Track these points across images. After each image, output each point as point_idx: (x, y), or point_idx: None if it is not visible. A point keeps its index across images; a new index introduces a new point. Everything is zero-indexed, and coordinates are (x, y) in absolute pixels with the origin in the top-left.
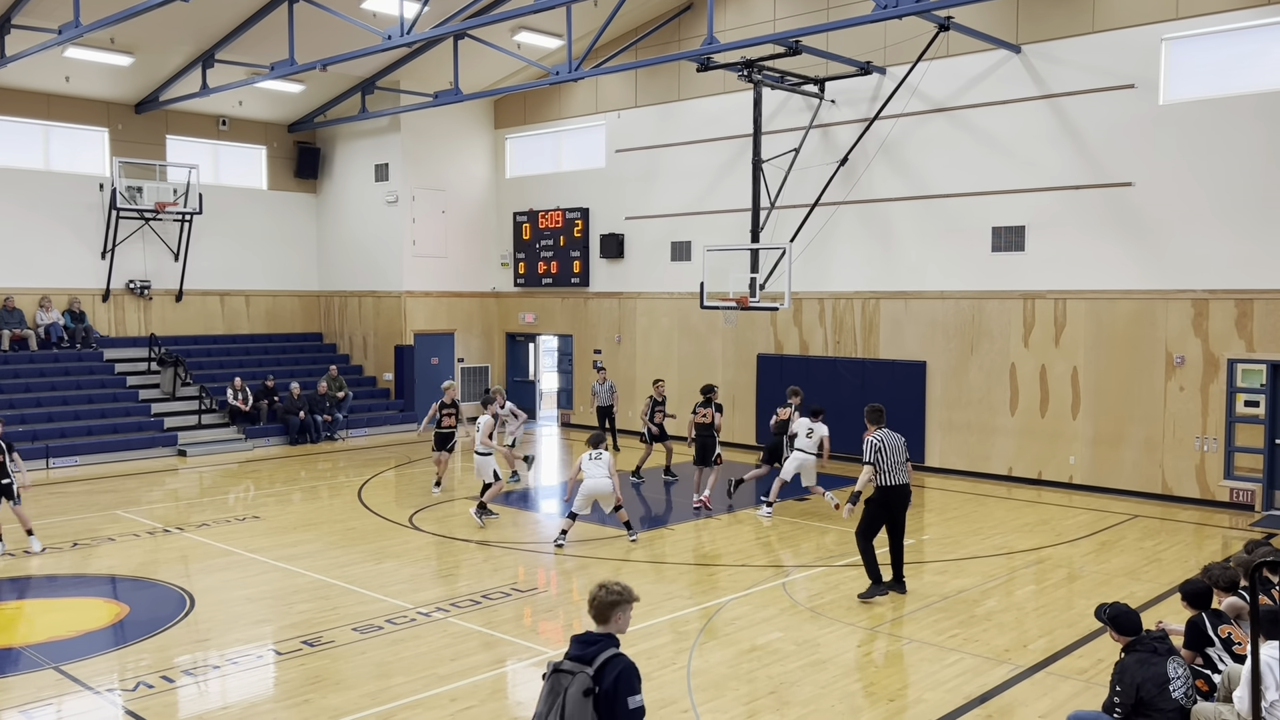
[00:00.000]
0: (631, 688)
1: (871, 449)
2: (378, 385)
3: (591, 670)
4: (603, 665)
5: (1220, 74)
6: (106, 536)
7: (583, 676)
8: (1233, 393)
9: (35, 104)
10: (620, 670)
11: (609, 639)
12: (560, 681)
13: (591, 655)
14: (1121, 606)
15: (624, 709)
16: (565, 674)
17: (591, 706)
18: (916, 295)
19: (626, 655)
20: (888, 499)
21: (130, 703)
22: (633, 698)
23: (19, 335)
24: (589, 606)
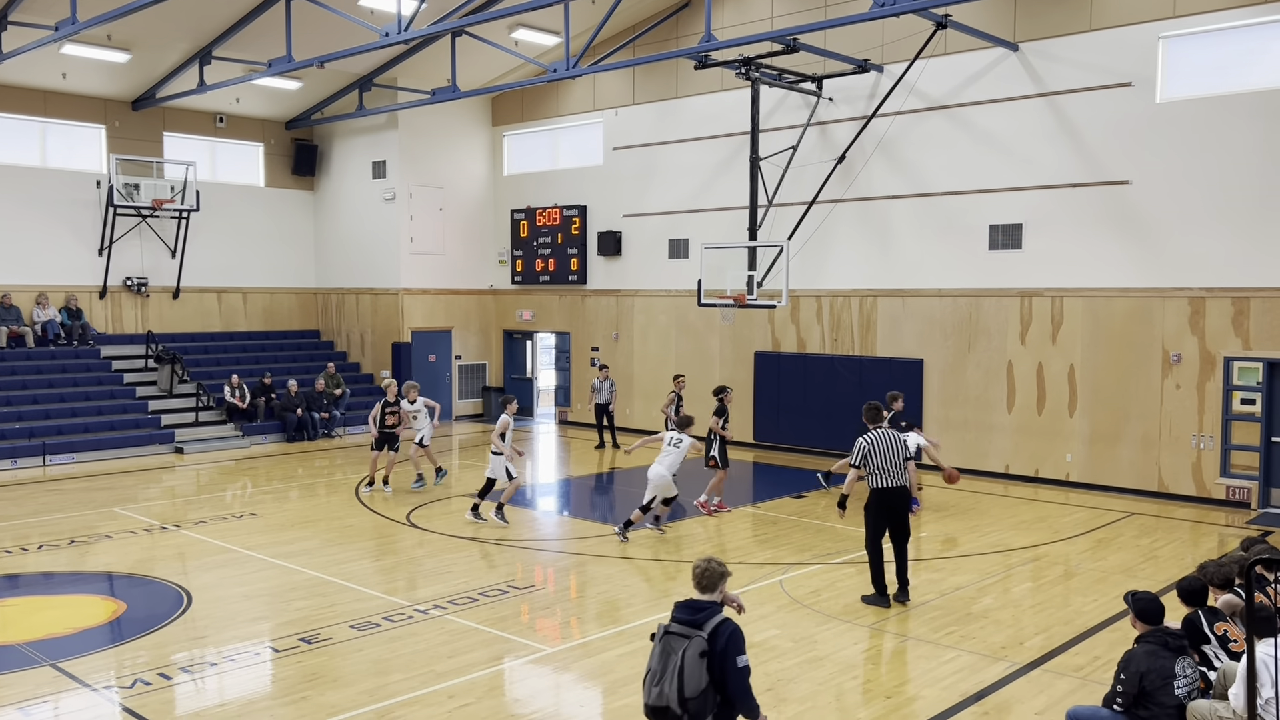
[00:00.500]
0: (739, 649)
1: (858, 451)
2: (375, 382)
3: (705, 634)
4: (715, 629)
5: (1217, 72)
6: (103, 534)
7: (699, 640)
8: (1229, 390)
9: (32, 101)
10: (730, 634)
11: (715, 606)
12: (673, 643)
13: (702, 620)
14: (1149, 596)
15: (734, 667)
16: (678, 637)
17: (705, 666)
18: (914, 293)
19: (733, 620)
20: (884, 502)
21: (128, 700)
22: (740, 657)
23: (16, 332)
24: (696, 578)
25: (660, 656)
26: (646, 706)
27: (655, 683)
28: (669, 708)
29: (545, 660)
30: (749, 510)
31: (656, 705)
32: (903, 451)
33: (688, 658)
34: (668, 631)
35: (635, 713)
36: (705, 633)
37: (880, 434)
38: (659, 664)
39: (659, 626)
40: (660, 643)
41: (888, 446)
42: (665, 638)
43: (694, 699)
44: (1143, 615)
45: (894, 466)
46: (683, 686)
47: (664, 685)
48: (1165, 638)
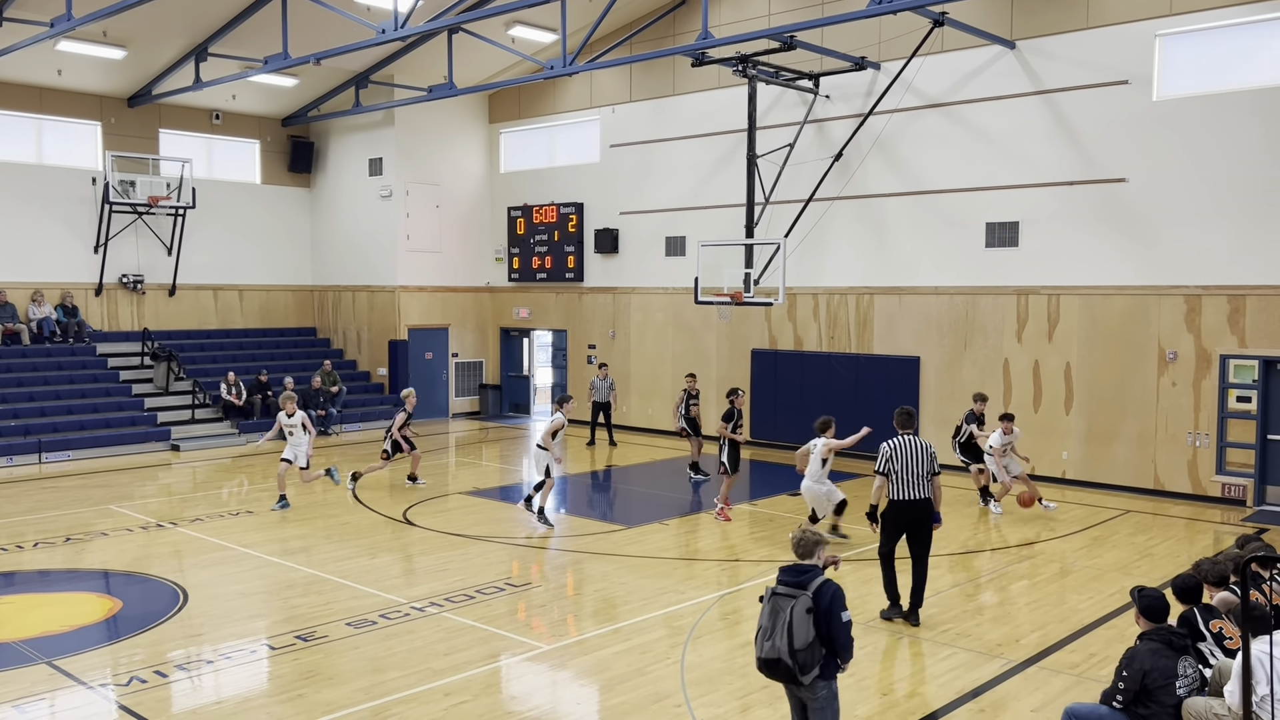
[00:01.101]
0: (842, 605)
1: (882, 458)
2: (372, 380)
3: (810, 593)
4: (819, 589)
5: (1214, 70)
6: (99, 531)
7: (805, 598)
8: (1225, 388)
9: (27, 97)
10: (833, 592)
11: (816, 569)
12: (781, 603)
13: (805, 581)
14: (1155, 593)
15: (839, 621)
16: (785, 597)
17: (811, 621)
18: (910, 291)
19: (833, 580)
20: (900, 514)
21: (124, 697)
22: (844, 613)
23: (11, 329)
24: (795, 546)
25: (770, 615)
26: (759, 660)
27: (767, 638)
28: (780, 659)
29: (541, 658)
30: (746, 508)
31: (769, 658)
32: (929, 463)
33: (795, 614)
34: (775, 593)
35: (631, 710)
36: (809, 592)
37: (905, 441)
38: (769, 621)
39: (766, 589)
40: (769, 603)
41: (911, 455)
42: (773, 598)
43: (802, 650)
44: (1147, 612)
45: (916, 477)
46: (792, 640)
47: (775, 639)
48: (1169, 636)
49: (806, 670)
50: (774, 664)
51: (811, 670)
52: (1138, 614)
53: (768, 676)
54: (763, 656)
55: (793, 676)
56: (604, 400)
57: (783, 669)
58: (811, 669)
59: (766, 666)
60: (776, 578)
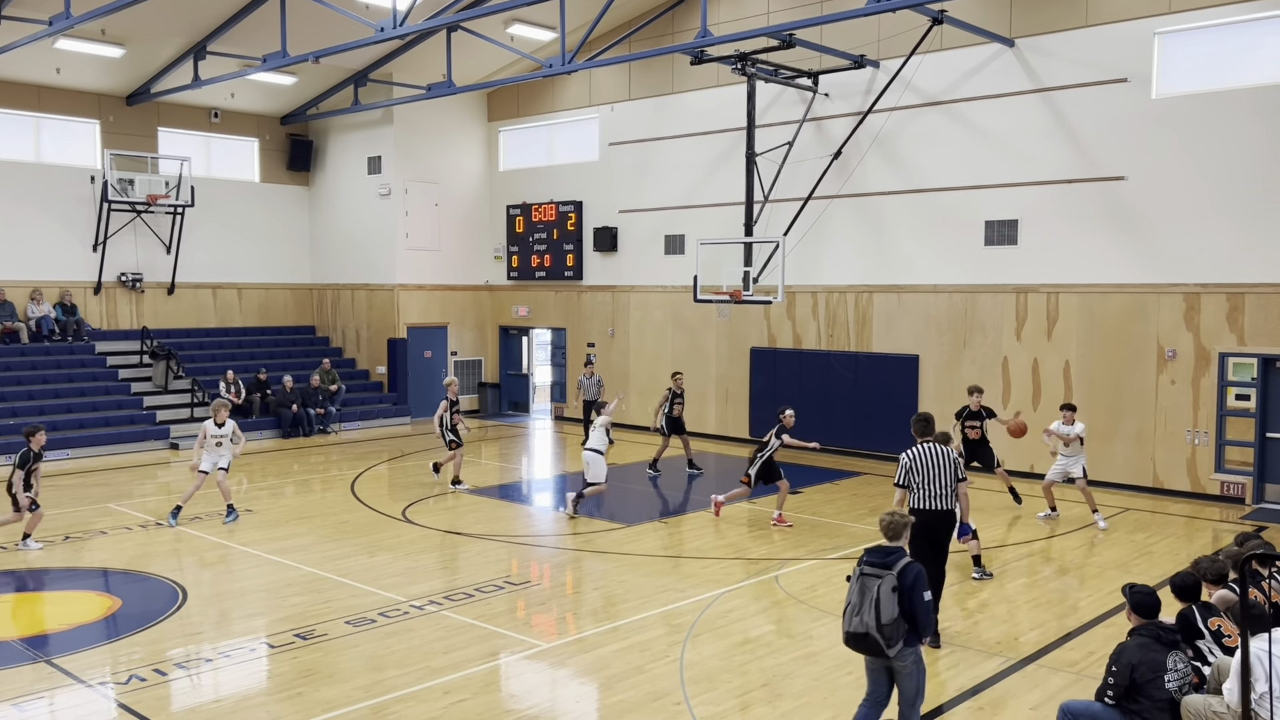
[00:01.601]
0: (924, 585)
1: (901, 469)
2: (371, 378)
3: (895, 572)
4: (903, 569)
5: (1213, 68)
6: (98, 530)
7: (890, 577)
8: (1224, 386)
9: (26, 96)
10: (916, 572)
11: (901, 550)
12: (868, 582)
13: (891, 562)
14: (1146, 590)
15: (920, 600)
16: (872, 576)
17: (896, 599)
18: (909, 289)
19: (916, 562)
20: (926, 524)
21: (123, 696)
22: (925, 592)
23: (10, 328)
24: (884, 529)
25: (858, 593)
26: (847, 634)
27: (855, 613)
28: (868, 633)
29: (541, 656)
30: (745, 506)
31: (856, 632)
32: (953, 470)
33: (882, 592)
34: (862, 573)
35: (630, 708)
36: (895, 571)
37: (926, 449)
38: (857, 599)
39: (854, 569)
40: (857, 582)
41: (934, 464)
42: (861, 578)
43: (888, 625)
44: (1138, 609)
45: (941, 487)
46: (879, 615)
47: (863, 615)
48: (1158, 631)
49: (892, 644)
50: (862, 638)
51: (897, 643)
52: (1129, 610)
53: (854, 649)
54: (851, 630)
55: (880, 649)
56: (592, 399)
57: (870, 642)
58: (896, 642)
59: (854, 640)
60: (863, 558)
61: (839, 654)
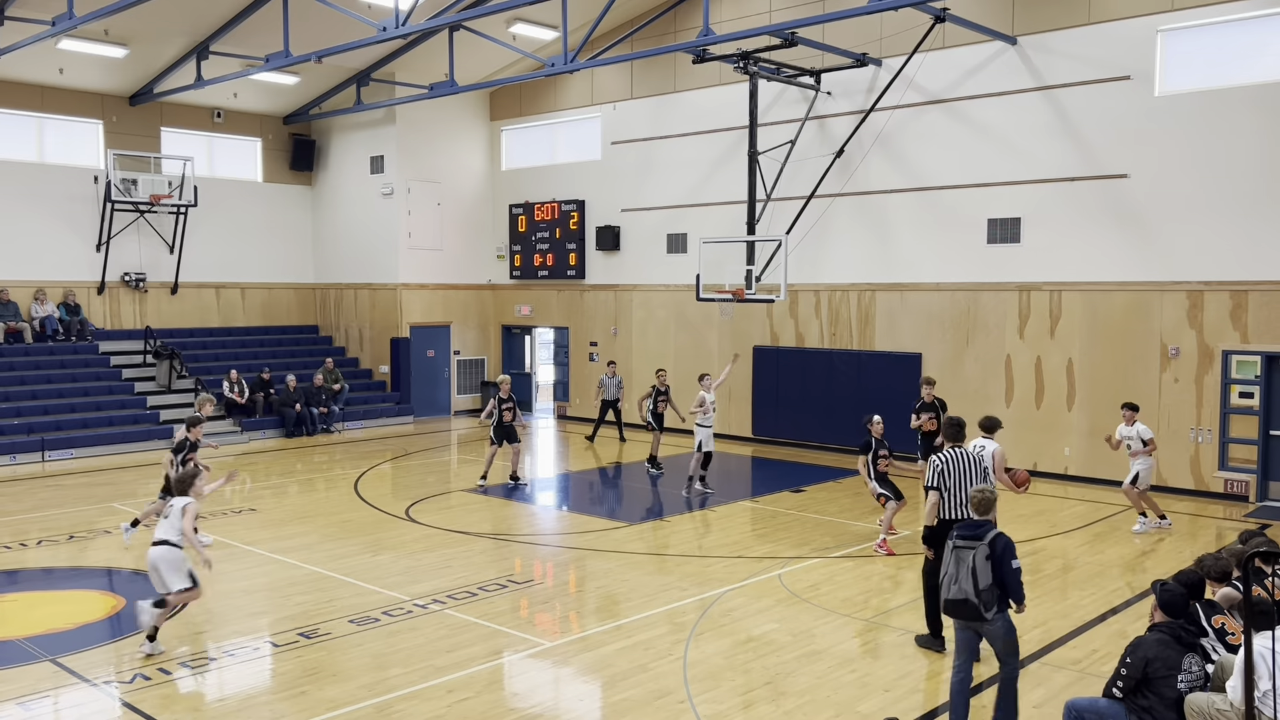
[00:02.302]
0: (1013, 554)
1: (934, 471)
2: (374, 378)
3: (986, 543)
4: (993, 540)
5: (1216, 66)
6: (103, 529)
7: (982, 547)
8: (1227, 384)
9: (29, 96)
10: (1005, 542)
11: (990, 523)
12: (963, 554)
13: (982, 533)
14: (1176, 589)
15: (1009, 568)
16: (966, 548)
17: (990, 567)
18: (912, 287)
19: (1005, 534)
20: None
21: (127, 695)
22: (1014, 560)
23: (14, 328)
24: (976, 505)
25: (955, 563)
26: (946, 601)
27: (954, 581)
28: (967, 599)
29: (544, 655)
30: (747, 504)
31: (957, 599)
32: (982, 477)
33: (977, 561)
34: (956, 546)
35: (634, 706)
36: (985, 542)
37: (957, 454)
38: (954, 569)
39: (949, 543)
40: (953, 554)
41: (967, 469)
42: (955, 550)
43: (984, 591)
44: (1166, 607)
45: (968, 493)
46: (976, 582)
47: (961, 582)
48: (1179, 631)
49: (989, 608)
50: (961, 603)
51: (992, 608)
52: (1155, 606)
53: (953, 616)
54: (950, 598)
55: (978, 614)
56: (613, 398)
57: (969, 607)
58: (992, 606)
59: (954, 606)
60: (956, 533)
61: (842, 652)
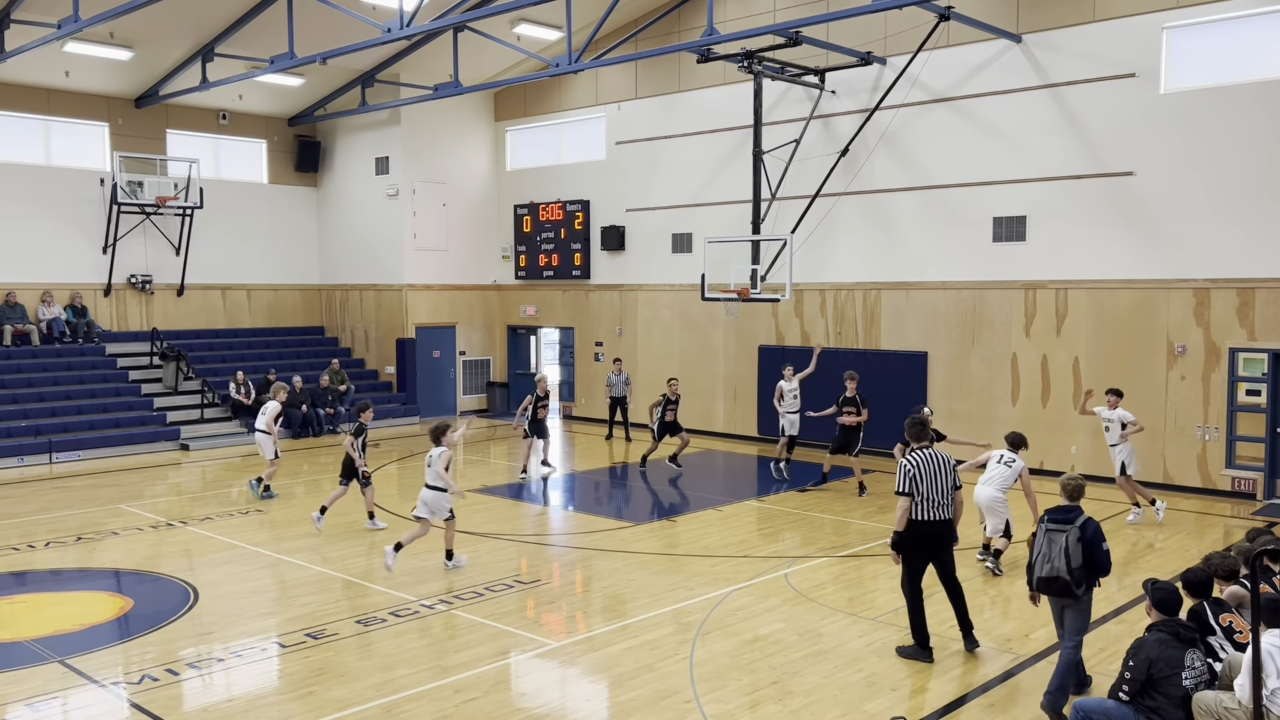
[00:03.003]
0: (1102, 537)
1: (905, 476)
2: (380, 378)
3: (1077, 526)
4: (1084, 523)
5: (1222, 63)
6: (110, 530)
7: (1074, 530)
8: (1234, 382)
9: (35, 99)
10: (1095, 526)
11: (1079, 509)
12: (1054, 536)
13: (1072, 518)
14: (1169, 586)
15: (1100, 549)
16: (1058, 531)
17: (1081, 549)
18: (918, 286)
19: (1094, 518)
20: (923, 537)
21: (135, 696)
22: (1103, 543)
23: (21, 330)
24: (1065, 491)
25: (1047, 544)
26: (1039, 579)
27: (1046, 561)
28: (1059, 577)
29: (551, 655)
30: (754, 504)
31: (1049, 576)
32: (951, 477)
33: (1070, 542)
34: (1048, 529)
35: (640, 706)
36: (1077, 525)
37: (926, 455)
38: (1047, 549)
39: (1041, 525)
40: (1045, 536)
41: (936, 470)
42: (1048, 533)
43: (1076, 569)
44: (1160, 605)
45: (941, 495)
46: (1069, 561)
47: (1054, 562)
48: (1177, 628)
49: (1079, 585)
50: (1053, 580)
51: (1082, 584)
52: (1149, 606)
53: (1044, 592)
54: (1043, 575)
55: (1069, 590)
56: (620, 395)
57: (1060, 584)
58: (1082, 584)
59: (1045, 583)
60: (1047, 516)
61: (848, 651)
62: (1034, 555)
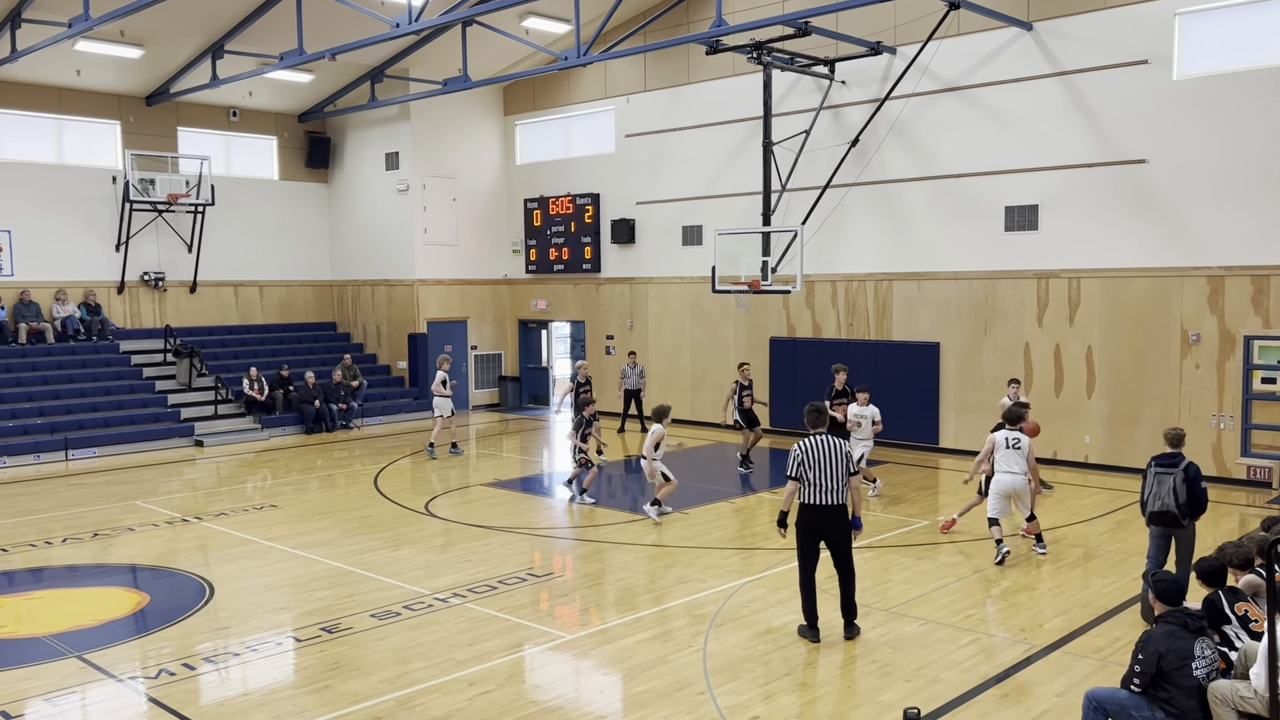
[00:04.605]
0: (1202, 476)
1: (793, 461)
2: (392, 374)
3: (1181, 469)
4: (1186, 465)
5: (1235, 49)
6: (126, 526)
7: (1179, 472)
8: (1249, 370)
9: (47, 98)
10: (1196, 468)
11: (1181, 454)
12: (1163, 477)
13: (1176, 461)
14: (1170, 577)
15: (1200, 488)
16: (1165, 473)
17: (1186, 487)
18: (929, 276)
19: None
20: (814, 520)
21: (153, 690)
22: (1202, 483)
23: (36, 328)
24: (1170, 440)
25: (1156, 484)
26: (1151, 513)
27: (1157, 498)
28: (1169, 510)
29: (565, 647)
30: (766, 496)
31: (1160, 510)
32: (845, 463)
33: (1177, 481)
34: (1157, 472)
35: (654, 698)
36: (1180, 468)
37: (817, 441)
38: (1157, 488)
39: (1150, 467)
40: (1154, 477)
41: (825, 455)
42: (1157, 474)
43: (1183, 505)
44: (1163, 596)
45: (830, 479)
46: (1177, 498)
47: (1164, 499)
48: (1185, 619)
49: (1185, 517)
50: (1163, 514)
51: (1188, 516)
52: (1153, 598)
53: (1155, 524)
54: (1155, 510)
55: (1177, 521)
56: (635, 388)
57: (1169, 517)
58: (1187, 516)
59: (1156, 517)
60: (1154, 461)
61: (862, 643)
62: (1146, 494)
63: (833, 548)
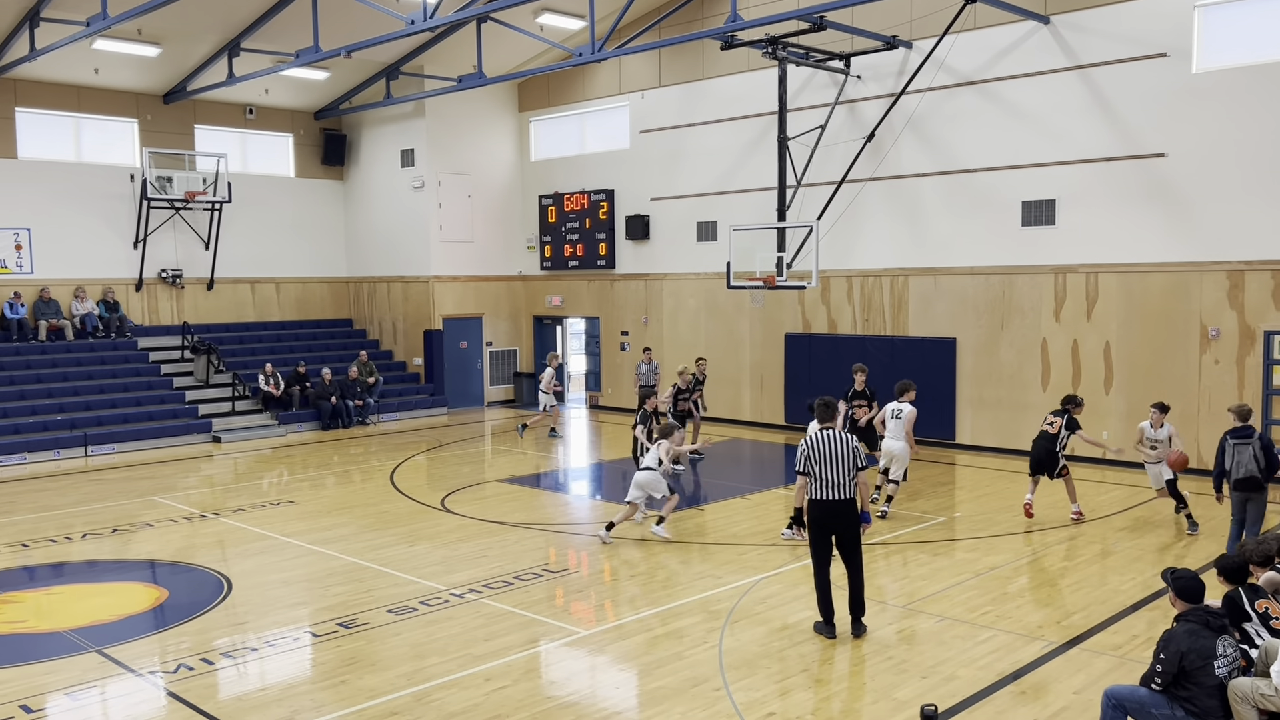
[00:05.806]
0: (1274, 446)
1: (800, 456)
2: (408, 370)
3: (1255, 439)
4: (1258, 436)
5: (1255, 42)
6: (145, 522)
7: (1255, 442)
8: (1270, 365)
9: (66, 96)
10: (1268, 438)
11: (1250, 426)
12: (1241, 447)
13: (1249, 433)
14: (1189, 574)
15: (1274, 453)
16: (1242, 444)
17: (1262, 453)
18: (946, 271)
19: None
20: (824, 516)
21: (171, 684)
22: (1275, 449)
23: (56, 326)
24: (1238, 414)
25: (1236, 454)
26: (1237, 480)
27: (1240, 465)
28: (1253, 475)
29: (580, 643)
30: (781, 492)
31: (1245, 476)
32: (852, 458)
33: (1255, 450)
34: (1235, 444)
35: (670, 694)
36: (1254, 439)
37: (826, 435)
38: (1238, 456)
39: (1228, 440)
40: (1232, 449)
41: (832, 450)
42: (1234, 446)
43: (1264, 470)
44: (1183, 594)
45: (838, 475)
46: (1258, 464)
47: (1247, 465)
48: (1206, 617)
49: (1267, 480)
50: (1248, 480)
51: (1267, 481)
52: (1173, 596)
53: (1242, 490)
54: (1240, 476)
55: (1260, 485)
56: (649, 384)
57: (1253, 481)
58: (1268, 480)
59: (1242, 483)
60: (1229, 435)
61: (878, 639)
62: (1228, 463)
63: (841, 543)
